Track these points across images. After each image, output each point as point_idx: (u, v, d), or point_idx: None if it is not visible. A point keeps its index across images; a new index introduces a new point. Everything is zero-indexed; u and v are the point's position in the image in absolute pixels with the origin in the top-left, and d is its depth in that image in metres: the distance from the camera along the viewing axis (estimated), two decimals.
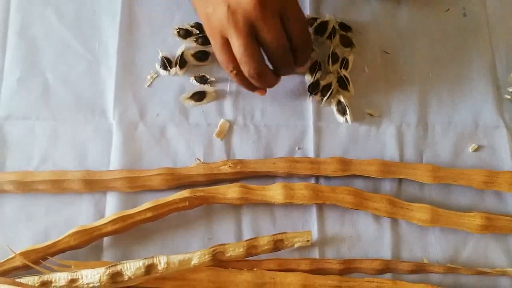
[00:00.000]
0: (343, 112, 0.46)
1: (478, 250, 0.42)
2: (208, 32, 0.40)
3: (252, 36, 0.37)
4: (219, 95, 0.46)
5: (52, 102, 0.45)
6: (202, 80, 0.46)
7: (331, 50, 0.47)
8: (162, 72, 0.46)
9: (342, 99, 0.46)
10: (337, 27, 0.48)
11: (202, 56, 0.47)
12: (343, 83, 0.46)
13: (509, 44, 0.49)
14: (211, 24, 0.38)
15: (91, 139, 0.44)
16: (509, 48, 0.49)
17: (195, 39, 0.47)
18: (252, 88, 0.42)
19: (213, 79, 0.46)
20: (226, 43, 0.38)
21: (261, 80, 0.40)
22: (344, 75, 0.46)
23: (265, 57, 0.40)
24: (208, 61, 0.47)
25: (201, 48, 0.47)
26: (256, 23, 0.37)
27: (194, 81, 0.46)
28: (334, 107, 0.46)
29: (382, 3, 0.49)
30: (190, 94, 0.46)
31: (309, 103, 0.46)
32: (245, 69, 0.39)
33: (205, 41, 0.47)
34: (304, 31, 0.40)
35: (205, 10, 0.39)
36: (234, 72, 0.40)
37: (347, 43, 0.48)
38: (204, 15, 0.39)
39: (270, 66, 0.41)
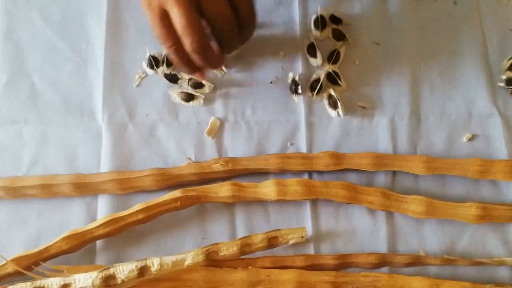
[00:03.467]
0: (334, 106, 0.45)
1: (475, 240, 0.42)
2: (144, 5, 0.36)
3: (195, 7, 0.35)
4: (208, 95, 0.46)
5: (40, 106, 0.45)
6: (196, 84, 0.45)
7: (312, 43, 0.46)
8: (150, 71, 0.46)
9: (333, 93, 0.45)
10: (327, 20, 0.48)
11: None
12: (333, 79, 0.46)
13: (501, 31, 0.48)
14: None
15: (80, 141, 0.44)
16: (501, 35, 0.48)
17: None
18: (193, 68, 0.39)
19: (205, 83, 0.45)
20: (165, 16, 0.35)
21: (204, 55, 0.37)
22: (333, 71, 0.46)
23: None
24: None
25: None
26: None
27: (189, 87, 0.45)
28: (325, 101, 0.46)
29: None
30: (179, 91, 0.45)
31: (300, 98, 0.45)
32: (187, 42, 0.36)
33: None
34: (250, 4, 0.38)
35: None
36: (174, 47, 0.37)
37: (338, 36, 0.47)
38: None
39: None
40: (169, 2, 0.35)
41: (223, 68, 0.45)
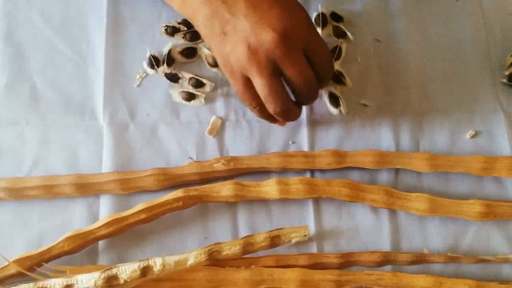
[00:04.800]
0: (336, 104, 0.45)
1: (479, 238, 0.42)
2: (227, 72, 0.38)
3: (276, 74, 0.36)
4: (209, 95, 0.45)
5: (41, 106, 0.44)
6: (197, 84, 0.45)
7: None
8: (150, 71, 0.46)
9: (334, 91, 0.45)
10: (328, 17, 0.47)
11: (190, 52, 0.46)
12: (336, 78, 0.45)
13: (503, 26, 0.48)
14: (230, 64, 0.37)
15: (82, 142, 0.44)
16: (503, 31, 0.48)
17: (183, 35, 0.46)
18: (272, 121, 0.41)
19: (205, 82, 0.45)
20: (248, 82, 0.37)
21: (285, 115, 0.39)
22: (337, 70, 0.46)
23: (289, 90, 0.38)
24: (196, 58, 0.46)
25: (189, 44, 0.46)
26: (279, 61, 0.35)
27: (190, 86, 0.45)
28: (326, 99, 0.45)
29: None
30: (180, 91, 0.45)
31: None
32: (271, 107, 0.37)
33: (193, 36, 0.46)
34: (329, 60, 0.39)
35: (222, 50, 0.36)
36: (257, 108, 0.39)
37: (340, 33, 0.47)
38: (221, 55, 0.37)
39: (293, 98, 0.39)
40: (252, 71, 0.36)
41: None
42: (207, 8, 0.36)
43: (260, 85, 0.36)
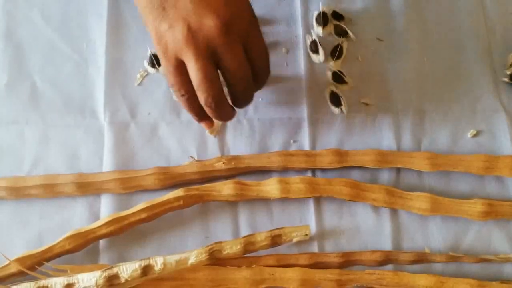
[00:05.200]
0: (337, 103, 0.45)
1: (480, 237, 0.42)
2: (159, 51, 0.35)
3: (213, 61, 0.34)
4: None
5: (41, 106, 0.44)
6: None
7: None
8: (151, 70, 0.46)
9: (335, 90, 0.45)
10: (330, 16, 0.47)
11: None
12: (338, 77, 0.45)
13: (504, 25, 0.48)
14: (165, 43, 0.34)
15: (82, 141, 0.43)
16: (504, 29, 0.48)
17: None
18: (201, 117, 0.38)
19: None
20: (181, 65, 0.34)
21: (217, 110, 0.36)
22: (338, 70, 0.45)
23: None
24: None
25: None
26: (219, 49, 0.34)
27: None
28: (328, 99, 0.45)
29: None
30: None
31: (303, 96, 0.45)
32: (203, 96, 0.35)
33: None
34: (266, 59, 0.37)
35: (158, 26, 0.34)
36: (186, 97, 0.36)
37: (341, 32, 0.47)
38: (156, 31, 0.34)
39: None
40: (187, 54, 0.33)
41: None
42: None
43: (194, 69, 0.33)
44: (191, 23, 0.33)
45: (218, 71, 0.35)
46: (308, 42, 0.47)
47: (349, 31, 0.47)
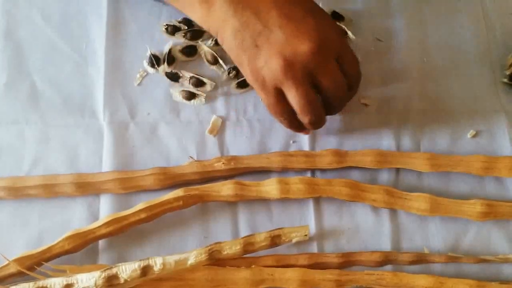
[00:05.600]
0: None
1: (479, 238, 0.42)
2: (256, 86, 0.37)
3: (311, 84, 0.36)
4: (210, 94, 0.45)
5: (41, 105, 0.44)
6: (197, 83, 0.45)
7: None
8: (150, 70, 0.46)
9: None
10: None
11: (190, 51, 0.46)
12: None
13: (504, 25, 0.48)
14: (262, 77, 0.36)
15: (82, 141, 0.43)
16: (504, 30, 0.48)
17: (183, 34, 0.46)
18: (300, 129, 0.41)
19: (206, 81, 0.45)
20: (280, 95, 0.36)
21: (318, 125, 0.39)
22: None
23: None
24: (196, 56, 0.46)
25: (189, 43, 0.46)
26: (315, 71, 0.35)
27: (190, 85, 0.45)
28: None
29: None
30: (180, 90, 0.45)
31: None
32: (306, 118, 0.37)
33: (194, 35, 0.46)
34: (358, 68, 0.39)
35: (254, 63, 0.36)
36: (287, 120, 0.39)
37: (340, 32, 0.47)
38: (252, 69, 0.36)
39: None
40: (287, 84, 0.35)
41: None
42: (237, 19, 0.35)
43: (296, 97, 0.36)
44: (286, 54, 0.35)
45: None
46: None
47: (348, 31, 0.47)
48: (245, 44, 0.36)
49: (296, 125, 0.40)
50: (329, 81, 0.36)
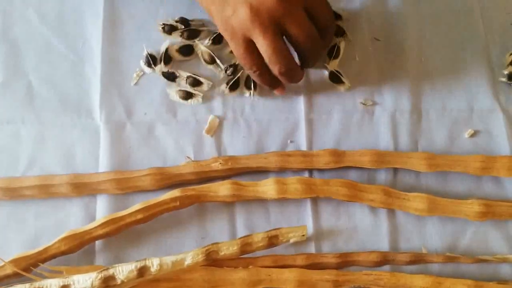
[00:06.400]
0: (338, 81, 0.45)
1: (477, 237, 0.42)
2: (227, 35, 0.38)
3: (279, 33, 0.36)
4: (207, 93, 0.45)
5: (37, 105, 0.44)
6: (194, 82, 0.45)
7: None
8: (147, 69, 0.45)
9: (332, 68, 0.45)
10: None
11: (187, 50, 0.46)
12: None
13: (502, 24, 0.48)
14: (231, 27, 0.37)
15: (78, 141, 0.43)
16: (502, 29, 0.48)
17: (180, 33, 0.46)
18: (274, 86, 0.41)
19: (203, 80, 0.45)
20: (250, 45, 0.37)
21: (291, 76, 0.38)
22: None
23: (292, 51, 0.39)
24: (193, 56, 0.46)
25: (186, 42, 0.46)
26: (282, 19, 0.35)
27: (187, 85, 0.45)
28: (327, 78, 0.45)
29: None
30: (177, 90, 0.45)
31: (300, 96, 0.45)
32: (276, 67, 0.37)
33: (190, 34, 0.46)
34: (330, 15, 0.39)
35: (222, 13, 0.37)
36: (258, 72, 0.38)
37: (338, 32, 0.47)
38: (221, 19, 0.37)
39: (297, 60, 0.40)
40: (255, 33, 0.36)
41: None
42: None
43: (264, 45, 0.36)
44: (253, 3, 0.35)
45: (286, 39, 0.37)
46: None
47: (346, 31, 0.47)
48: None
49: (267, 79, 0.39)
50: (298, 29, 0.36)
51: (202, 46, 0.45)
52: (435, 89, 0.46)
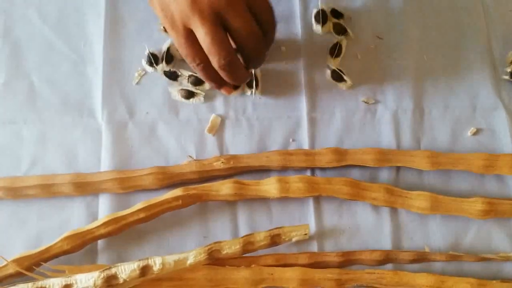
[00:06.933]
0: (340, 79, 0.45)
1: (480, 236, 0.41)
2: (167, 24, 0.36)
3: (219, 24, 0.35)
4: (209, 92, 0.45)
5: (39, 105, 0.44)
6: (196, 81, 0.45)
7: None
8: (149, 68, 0.45)
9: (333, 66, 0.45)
10: (329, 14, 0.47)
11: None
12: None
13: (505, 22, 0.48)
14: (171, 15, 0.35)
15: (80, 140, 0.43)
16: (505, 26, 0.48)
17: None
18: (220, 83, 0.40)
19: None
20: (190, 35, 0.35)
21: (232, 71, 0.37)
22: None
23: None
24: None
25: None
26: (223, 11, 0.34)
27: (189, 84, 0.45)
28: (329, 76, 0.45)
29: None
30: (179, 89, 0.45)
31: (302, 94, 0.45)
32: (215, 59, 0.36)
33: None
34: (271, 12, 0.38)
35: (162, 1, 0.35)
36: (201, 65, 0.37)
37: (340, 30, 0.47)
38: (161, 6, 0.35)
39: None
40: (194, 21, 0.34)
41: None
42: None
43: (202, 34, 0.35)
44: None
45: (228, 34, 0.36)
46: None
47: (348, 29, 0.47)
48: None
49: (212, 75, 0.38)
50: (239, 23, 0.35)
51: None
52: (437, 87, 0.46)
